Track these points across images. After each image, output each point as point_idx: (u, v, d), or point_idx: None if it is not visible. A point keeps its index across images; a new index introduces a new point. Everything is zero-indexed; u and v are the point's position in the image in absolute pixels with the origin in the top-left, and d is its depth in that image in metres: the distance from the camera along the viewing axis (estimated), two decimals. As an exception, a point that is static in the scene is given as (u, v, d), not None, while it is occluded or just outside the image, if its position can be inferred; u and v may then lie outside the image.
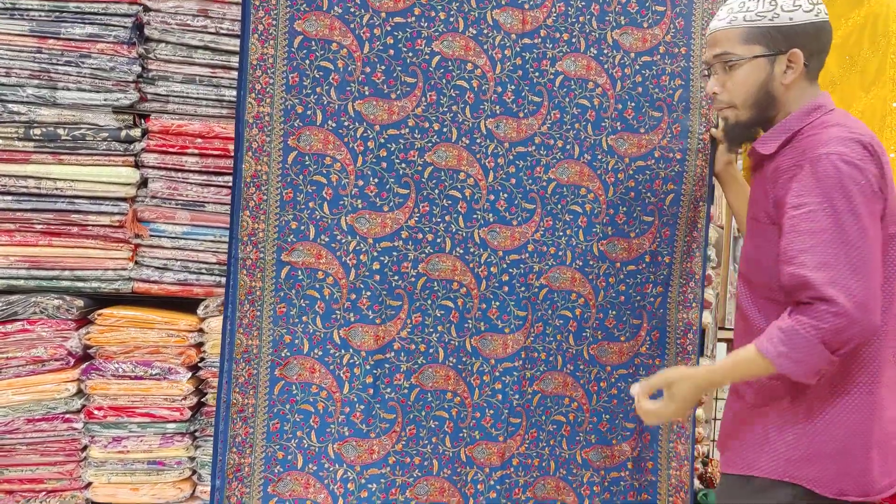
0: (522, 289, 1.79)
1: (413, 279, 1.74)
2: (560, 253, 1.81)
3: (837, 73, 2.28)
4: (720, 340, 2.15)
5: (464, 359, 1.78)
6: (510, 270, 1.78)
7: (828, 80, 2.20)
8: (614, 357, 1.84)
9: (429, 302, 1.76)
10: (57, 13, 1.73)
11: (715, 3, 1.84)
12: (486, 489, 1.79)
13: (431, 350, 1.77)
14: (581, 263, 1.81)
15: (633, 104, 1.81)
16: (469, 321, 1.78)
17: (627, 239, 1.83)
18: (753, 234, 1.44)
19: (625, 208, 1.82)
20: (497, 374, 1.79)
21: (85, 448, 1.83)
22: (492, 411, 1.79)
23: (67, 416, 1.80)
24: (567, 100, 1.78)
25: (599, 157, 1.81)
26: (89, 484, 1.84)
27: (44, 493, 1.82)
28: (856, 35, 2.33)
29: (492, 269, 1.77)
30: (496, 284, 1.78)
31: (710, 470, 2.14)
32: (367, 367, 1.73)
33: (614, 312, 1.83)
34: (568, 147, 1.80)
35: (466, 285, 1.77)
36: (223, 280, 1.84)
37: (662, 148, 1.83)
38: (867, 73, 2.31)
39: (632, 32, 1.80)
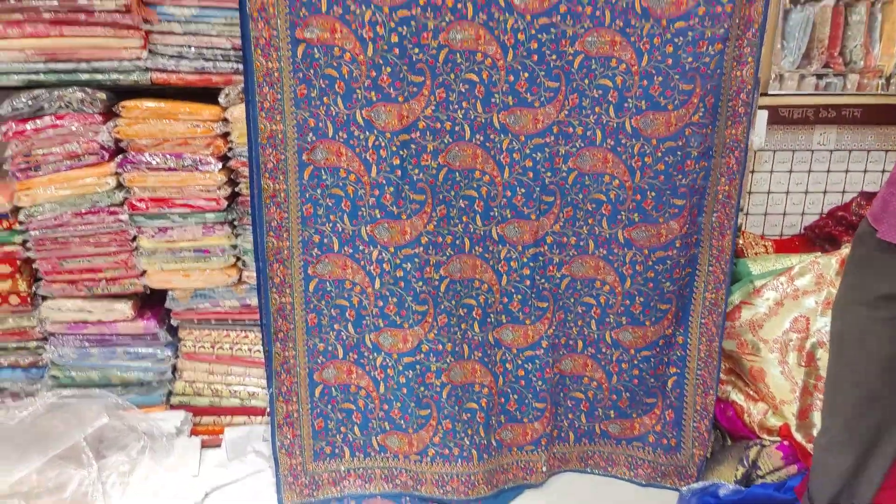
0: (554, 57, 1.63)
1: (434, 52, 1.61)
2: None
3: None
4: (761, 108, 1.98)
5: (492, 136, 1.70)
6: (539, 36, 1.62)
7: None
8: (661, 129, 1.70)
9: (452, 76, 1.64)
10: None
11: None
12: (520, 266, 1.80)
13: (457, 127, 1.68)
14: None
15: (660, 79, 1.61)
16: (496, 95, 1.66)
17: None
18: None
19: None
20: (528, 151, 1.71)
21: (135, 238, 1.90)
22: (523, 189, 1.74)
23: (112, 208, 1.85)
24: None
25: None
26: (144, 272, 1.94)
27: (103, 281, 1.93)
28: None
29: (519, 35, 1.62)
30: (524, 53, 1.63)
31: (741, 241, 2.09)
32: (394, 148, 1.67)
33: (660, 78, 1.66)
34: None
35: (492, 55, 1.63)
36: (240, 67, 1.75)
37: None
38: None
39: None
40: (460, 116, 1.67)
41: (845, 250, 1.87)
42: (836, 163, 2.24)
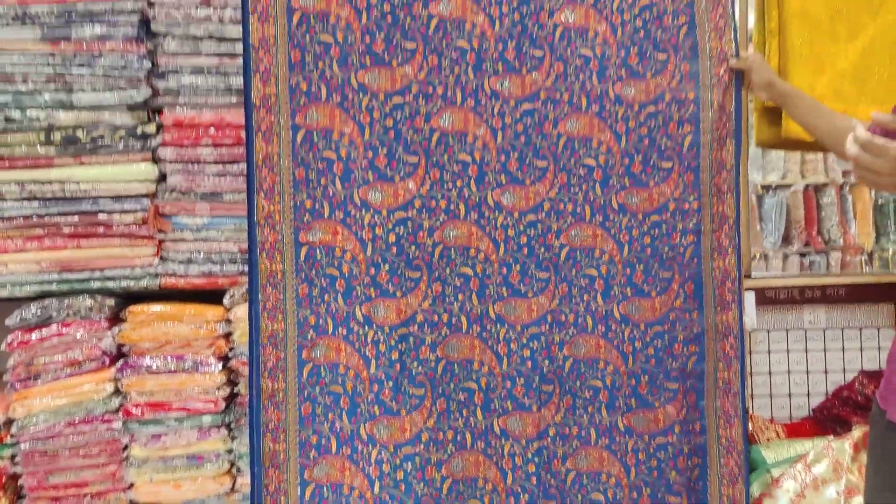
0: (543, 250, 1.72)
1: (430, 248, 1.70)
2: (579, 209, 1.74)
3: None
4: (747, 290, 2.03)
5: (488, 326, 1.72)
6: (528, 232, 1.72)
7: (833, 10, 2.04)
8: (647, 314, 1.74)
9: (448, 270, 1.71)
10: (66, 16, 1.77)
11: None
12: (524, 462, 1.72)
13: (454, 320, 1.71)
14: (601, 218, 1.73)
15: (636, 49, 1.74)
16: (490, 287, 1.72)
17: (647, 188, 1.74)
18: None
19: (640, 157, 1.74)
20: (524, 340, 1.72)
21: (126, 448, 1.84)
22: (522, 379, 1.72)
23: (107, 416, 1.82)
24: (569, 51, 1.72)
25: (607, 107, 1.73)
26: (132, 485, 1.85)
27: (88, 496, 1.83)
28: None
29: (509, 231, 1.72)
30: (515, 248, 1.72)
31: (750, 426, 2.02)
32: (392, 342, 1.68)
33: (642, 266, 1.74)
34: (575, 99, 1.73)
35: (484, 251, 1.71)
36: (246, 268, 1.83)
37: (673, 90, 1.75)
38: None
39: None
40: (457, 308, 1.71)
41: (857, 432, 1.83)
42: (830, 341, 2.27)
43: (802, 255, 2.20)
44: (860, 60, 2.04)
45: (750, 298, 2.04)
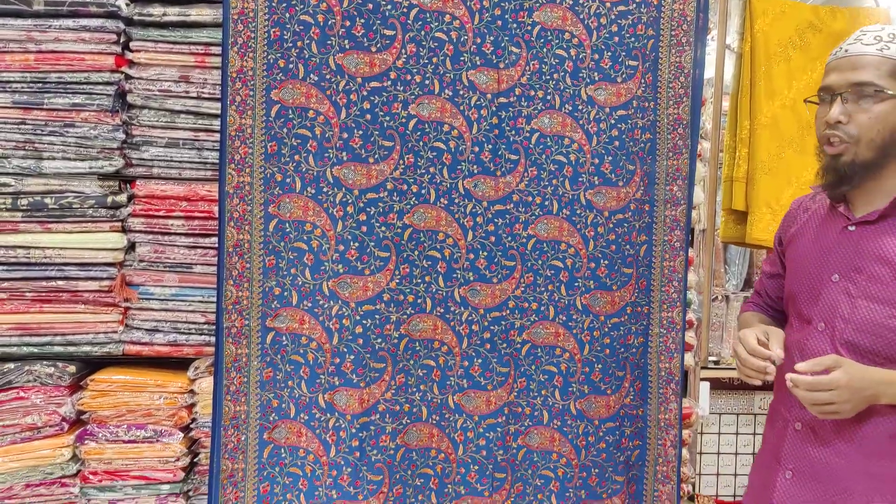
0: (504, 345, 1.79)
1: (395, 340, 1.75)
2: (542, 308, 1.80)
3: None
4: (703, 380, 2.13)
5: (447, 415, 1.78)
6: (491, 328, 1.78)
7: (804, 123, 2.14)
8: (602, 410, 1.83)
9: (412, 362, 1.76)
10: (39, 84, 1.75)
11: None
12: None
13: (415, 409, 1.77)
14: (564, 318, 1.80)
15: (609, 158, 1.79)
16: (451, 379, 1.78)
17: (610, 292, 1.81)
18: (884, 299, 1.26)
19: (606, 261, 1.81)
20: (481, 430, 1.79)
21: (82, 511, 1.85)
22: (476, 466, 1.79)
23: (64, 480, 1.82)
24: (544, 157, 1.77)
25: (578, 211, 1.79)
26: (87, 546, 1.86)
27: (43, 555, 1.84)
28: None
29: (473, 327, 1.77)
30: (478, 342, 1.78)
31: (696, 505, 2.14)
32: (353, 430, 1.73)
33: (600, 366, 1.82)
34: (546, 202, 1.79)
35: (448, 343, 1.77)
36: (212, 339, 1.85)
37: (637, 200, 1.81)
38: None
39: (606, 87, 1.78)
40: (418, 398, 1.77)
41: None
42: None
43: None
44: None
45: (705, 389, 2.15)
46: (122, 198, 1.81)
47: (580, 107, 1.76)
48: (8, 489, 1.80)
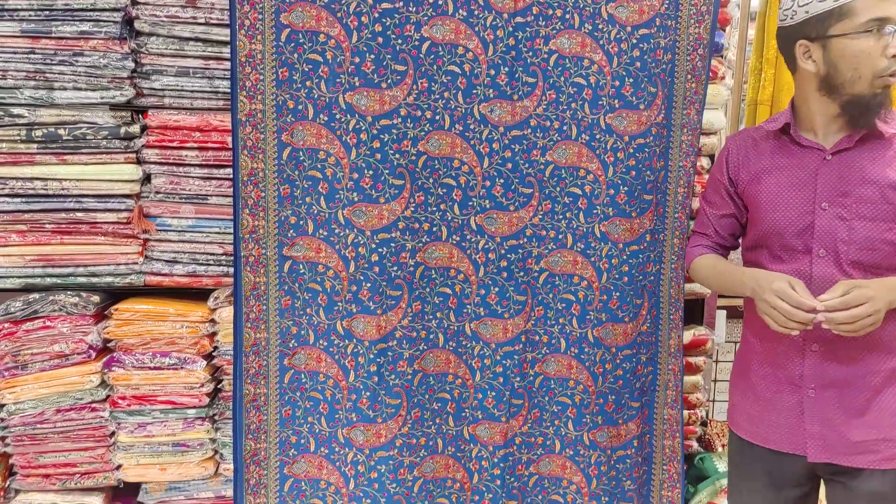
0: (521, 273, 1.78)
1: (411, 268, 1.75)
2: (560, 236, 1.79)
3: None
4: (719, 308, 2.13)
5: (464, 343, 1.80)
6: (508, 256, 1.78)
7: None
8: (619, 338, 1.84)
9: (428, 289, 1.77)
10: (46, 12, 1.72)
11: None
12: (490, 466, 1.84)
13: (431, 336, 1.79)
14: (583, 245, 1.79)
15: (630, 80, 1.74)
16: (468, 307, 1.79)
17: (629, 219, 1.79)
18: (877, 217, 1.35)
19: (626, 188, 1.78)
20: (498, 357, 1.81)
21: (113, 434, 1.92)
22: (493, 393, 1.82)
23: (94, 405, 1.89)
24: (563, 79, 1.72)
25: (598, 136, 1.75)
26: (119, 466, 1.95)
27: (77, 475, 1.93)
28: None
29: (490, 255, 1.77)
30: (494, 270, 1.78)
31: (708, 432, 2.17)
32: (371, 356, 1.76)
33: (618, 294, 1.82)
34: (565, 128, 1.74)
35: (464, 272, 1.77)
36: (230, 270, 1.87)
37: (658, 125, 1.77)
38: None
39: (628, 4, 1.71)
40: (434, 325, 1.79)
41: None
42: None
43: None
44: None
45: (721, 317, 2.14)
46: (135, 128, 1.81)
47: (601, 26, 1.70)
48: (40, 414, 1.87)
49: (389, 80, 1.67)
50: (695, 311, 2.10)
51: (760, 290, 1.32)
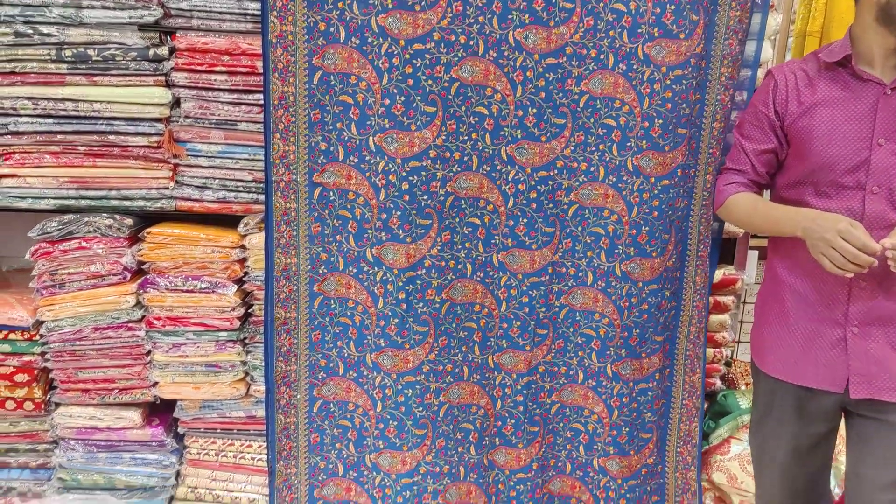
0: (551, 205, 1.77)
1: (442, 197, 1.75)
2: (592, 168, 1.76)
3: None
4: (751, 248, 2.09)
5: (491, 273, 1.81)
6: (538, 187, 1.76)
7: None
8: (646, 272, 1.83)
9: (457, 219, 1.77)
10: (71, -74, 1.67)
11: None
12: (514, 393, 1.88)
13: (460, 266, 1.80)
14: (614, 179, 1.76)
15: (672, 7, 1.66)
16: (496, 237, 1.79)
17: (662, 153, 1.75)
18: None
19: (661, 121, 1.73)
20: (524, 288, 1.82)
21: (149, 353, 1.99)
22: (518, 322, 1.84)
23: (130, 324, 1.95)
24: (601, 4, 1.65)
25: (635, 66, 1.69)
26: (156, 383, 2.02)
27: (116, 390, 2.01)
28: None
29: (519, 186, 1.75)
30: (524, 201, 1.77)
31: (732, 371, 2.18)
32: (400, 283, 1.78)
33: (647, 229, 1.80)
34: (602, 56, 1.69)
35: (494, 202, 1.76)
36: (260, 197, 1.88)
37: (697, 55, 1.70)
38: None
39: None
40: (463, 255, 1.80)
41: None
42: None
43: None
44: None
45: (753, 257, 2.11)
46: (164, 50, 1.78)
47: None
48: (78, 332, 1.93)
49: (423, 3, 1.61)
50: (725, 251, 2.08)
51: (821, 230, 1.28)
